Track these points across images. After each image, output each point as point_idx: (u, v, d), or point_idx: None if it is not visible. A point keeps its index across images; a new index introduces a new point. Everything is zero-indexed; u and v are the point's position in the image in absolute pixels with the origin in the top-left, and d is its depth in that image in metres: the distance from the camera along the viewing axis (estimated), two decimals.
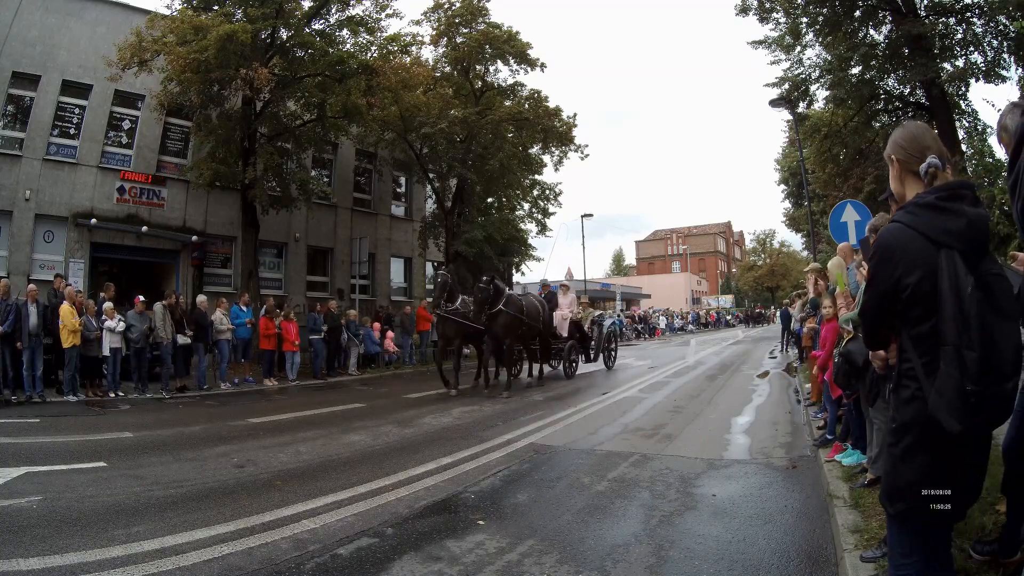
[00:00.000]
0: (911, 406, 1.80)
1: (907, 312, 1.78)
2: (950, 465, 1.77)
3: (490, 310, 10.21)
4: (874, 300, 1.91)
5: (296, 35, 13.88)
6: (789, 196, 30.73)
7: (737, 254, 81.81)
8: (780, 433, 6.62)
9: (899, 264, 1.76)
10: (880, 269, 1.84)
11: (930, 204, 1.76)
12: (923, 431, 1.77)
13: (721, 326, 45.95)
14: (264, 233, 15.78)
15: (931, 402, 1.71)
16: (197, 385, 11.02)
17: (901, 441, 1.85)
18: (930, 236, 1.72)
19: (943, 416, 1.67)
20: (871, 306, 1.94)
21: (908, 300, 1.76)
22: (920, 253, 1.73)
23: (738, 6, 15.62)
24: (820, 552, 3.29)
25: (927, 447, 1.78)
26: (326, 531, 3.69)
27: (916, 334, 1.77)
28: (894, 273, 1.77)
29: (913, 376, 1.79)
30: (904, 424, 1.84)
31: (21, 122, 13.58)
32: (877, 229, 3.65)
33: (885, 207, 4.45)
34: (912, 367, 1.79)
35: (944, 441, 1.72)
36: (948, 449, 1.74)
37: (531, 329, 11.37)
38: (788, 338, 17.22)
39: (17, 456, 5.46)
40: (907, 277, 1.74)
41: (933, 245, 1.71)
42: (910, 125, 2.02)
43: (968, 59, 13.74)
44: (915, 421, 1.79)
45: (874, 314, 1.96)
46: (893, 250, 1.79)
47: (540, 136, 20.35)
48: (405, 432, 7.02)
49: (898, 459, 1.87)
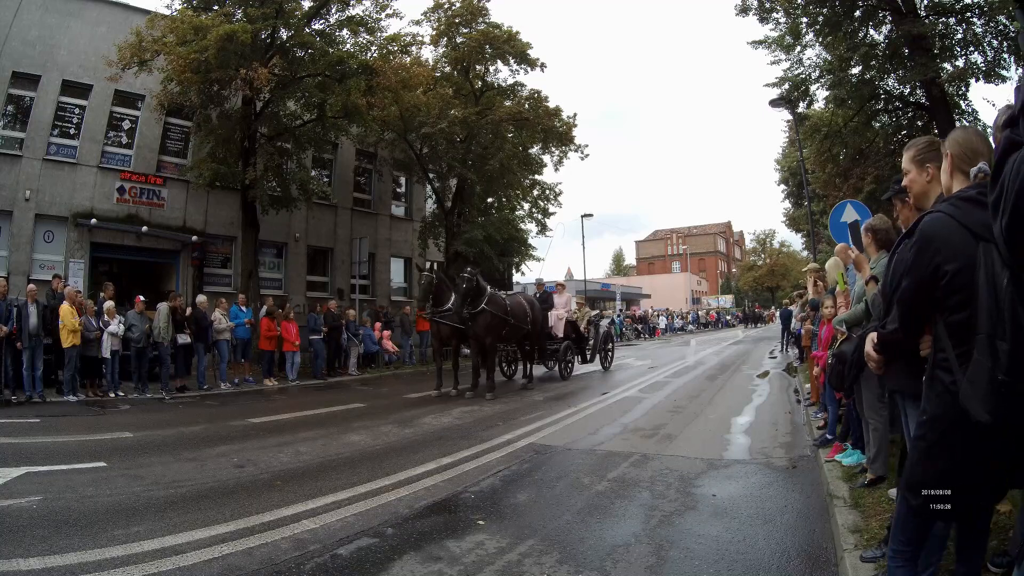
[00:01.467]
0: (943, 399, 1.83)
1: (945, 300, 1.82)
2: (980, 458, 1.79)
3: (472, 309, 9.91)
4: (912, 286, 1.94)
5: (296, 35, 13.87)
6: (789, 196, 30.73)
7: (737, 254, 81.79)
8: (780, 433, 6.63)
9: (939, 252, 1.81)
10: (920, 256, 1.88)
11: (972, 198, 1.81)
12: (953, 424, 1.79)
13: (721, 326, 45.95)
14: (264, 233, 15.78)
15: (962, 392, 1.74)
16: (197, 385, 11.01)
17: (928, 434, 1.89)
18: (971, 228, 1.76)
19: (973, 406, 1.69)
20: (912, 290, 1.96)
21: (946, 288, 1.80)
22: (961, 243, 1.78)
23: (738, 6, 15.61)
24: (820, 552, 3.29)
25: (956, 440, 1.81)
26: (326, 531, 3.69)
27: (952, 322, 1.80)
28: (934, 260, 1.82)
29: (947, 368, 1.82)
30: (935, 417, 1.87)
31: (21, 122, 13.58)
32: (875, 228, 3.66)
33: (886, 207, 4.45)
34: (946, 357, 1.82)
35: (973, 436, 1.74)
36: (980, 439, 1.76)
37: (516, 330, 10.98)
38: (788, 338, 17.22)
39: (17, 456, 5.45)
40: (946, 265, 1.79)
41: (973, 237, 1.75)
42: (970, 129, 2.12)
43: (968, 59, 13.74)
44: (944, 414, 1.82)
45: (911, 300, 1.98)
46: (934, 238, 1.84)
47: (540, 136, 20.34)
48: (405, 432, 7.02)
49: (925, 452, 1.90)
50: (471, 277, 9.95)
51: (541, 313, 12.10)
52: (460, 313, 9.91)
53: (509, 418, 7.77)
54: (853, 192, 14.80)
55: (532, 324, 11.53)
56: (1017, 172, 1.39)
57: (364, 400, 9.87)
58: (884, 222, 3.70)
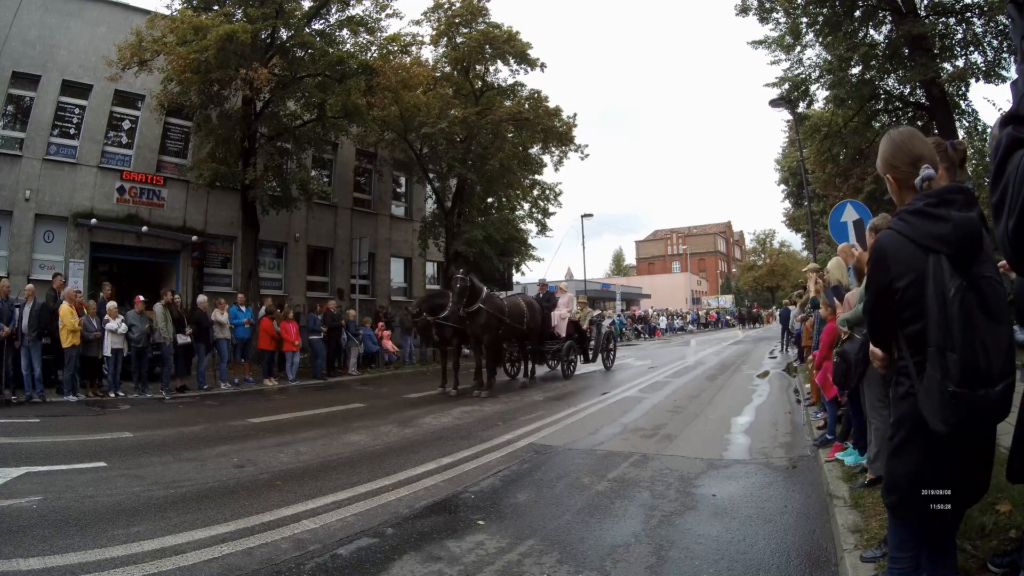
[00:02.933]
0: (905, 402, 1.89)
1: (900, 313, 1.86)
2: (943, 462, 1.82)
3: (468, 309, 10.14)
4: (871, 301, 2.01)
5: (296, 35, 13.89)
6: (789, 196, 30.77)
7: (737, 254, 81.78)
8: (780, 433, 6.62)
9: (891, 269, 1.86)
10: (875, 273, 1.94)
11: (919, 211, 1.84)
12: (915, 427, 1.84)
13: (721, 326, 45.93)
14: (264, 233, 15.78)
15: (920, 400, 1.79)
16: (197, 385, 11.01)
17: (896, 435, 1.94)
18: (919, 242, 1.80)
19: (929, 415, 1.75)
20: (871, 307, 2.04)
21: (900, 303, 1.84)
22: (910, 258, 1.81)
23: (738, 6, 15.63)
24: (820, 552, 3.29)
25: (919, 442, 1.85)
26: (326, 531, 3.69)
27: (908, 334, 1.85)
28: (887, 277, 1.87)
29: (907, 373, 1.87)
30: (899, 419, 1.93)
31: (21, 122, 13.59)
32: (878, 228, 3.66)
33: (886, 207, 4.45)
34: (906, 365, 1.88)
35: (935, 438, 1.78)
36: (939, 446, 1.81)
37: (512, 329, 11.18)
38: (788, 338, 17.22)
39: (17, 456, 5.45)
40: (898, 281, 1.83)
41: (922, 250, 1.79)
42: (895, 136, 2.05)
43: (968, 59, 13.76)
44: (908, 417, 1.87)
45: (873, 314, 2.05)
46: (886, 255, 1.89)
47: (540, 136, 20.36)
48: (405, 432, 7.02)
49: (892, 453, 1.96)
50: (464, 278, 10.27)
51: (541, 314, 12.23)
52: (457, 313, 10.12)
53: (509, 418, 7.77)
54: (853, 192, 14.82)
55: (530, 324, 11.65)
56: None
57: (364, 400, 9.87)
58: (888, 221, 3.69)
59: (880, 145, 2.08)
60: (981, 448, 1.85)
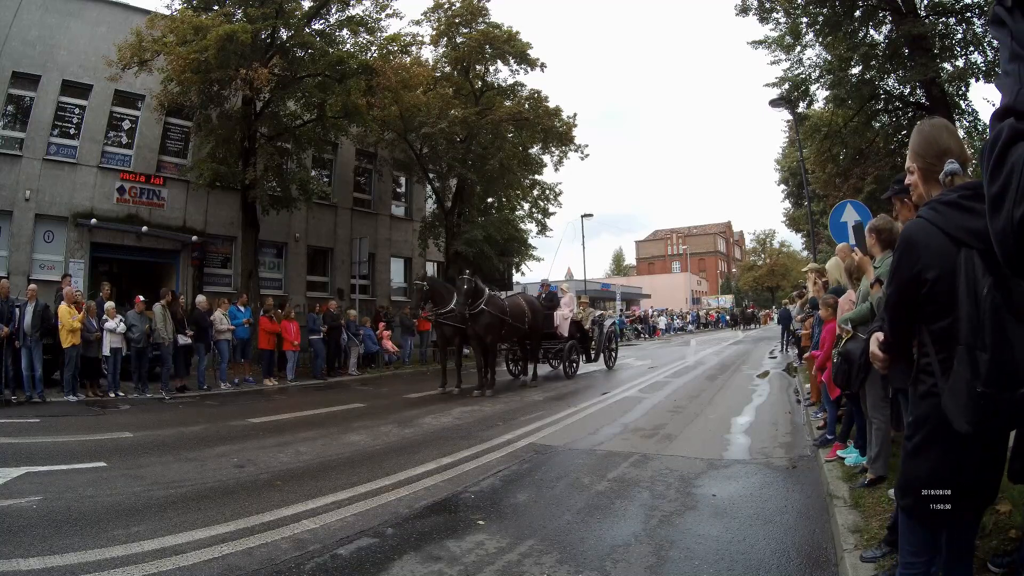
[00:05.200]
0: (926, 401, 1.81)
1: (925, 307, 1.79)
2: (962, 463, 1.77)
3: (471, 310, 10.26)
4: (895, 291, 1.91)
5: (296, 35, 13.87)
6: (789, 196, 30.74)
7: (737, 254, 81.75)
8: (780, 433, 6.62)
9: (920, 258, 1.78)
10: (902, 261, 1.85)
11: (953, 202, 1.76)
12: (937, 427, 1.77)
13: (721, 326, 45.88)
14: (264, 233, 15.77)
15: (944, 400, 1.71)
16: (197, 385, 11.01)
17: (916, 435, 1.86)
18: (951, 234, 1.72)
19: (954, 416, 1.68)
20: (894, 299, 1.94)
21: (927, 296, 1.77)
22: (940, 250, 1.74)
23: (738, 6, 15.61)
24: (820, 552, 3.29)
25: (940, 443, 1.78)
26: (326, 531, 3.69)
27: (934, 330, 1.78)
28: (915, 267, 1.79)
29: (930, 371, 1.80)
30: (919, 418, 1.85)
31: (21, 122, 13.58)
32: (879, 229, 3.65)
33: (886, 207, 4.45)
34: (929, 362, 1.80)
35: (956, 439, 1.72)
36: (960, 447, 1.74)
37: (514, 329, 11.30)
38: (788, 338, 17.22)
39: (17, 456, 5.45)
40: (926, 272, 1.76)
41: (954, 243, 1.71)
42: (924, 127, 1.99)
43: (968, 59, 13.73)
44: (930, 416, 1.80)
45: (895, 307, 1.95)
46: (915, 243, 1.80)
47: (540, 136, 20.35)
48: (405, 432, 7.02)
49: (911, 453, 1.88)
50: (470, 279, 10.37)
51: (541, 314, 12.27)
52: (463, 312, 10.23)
53: (509, 418, 7.78)
54: (853, 192, 14.80)
55: (531, 323, 11.69)
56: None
57: (364, 400, 9.87)
58: (888, 222, 3.68)
59: (912, 136, 2.02)
60: (998, 450, 1.81)
